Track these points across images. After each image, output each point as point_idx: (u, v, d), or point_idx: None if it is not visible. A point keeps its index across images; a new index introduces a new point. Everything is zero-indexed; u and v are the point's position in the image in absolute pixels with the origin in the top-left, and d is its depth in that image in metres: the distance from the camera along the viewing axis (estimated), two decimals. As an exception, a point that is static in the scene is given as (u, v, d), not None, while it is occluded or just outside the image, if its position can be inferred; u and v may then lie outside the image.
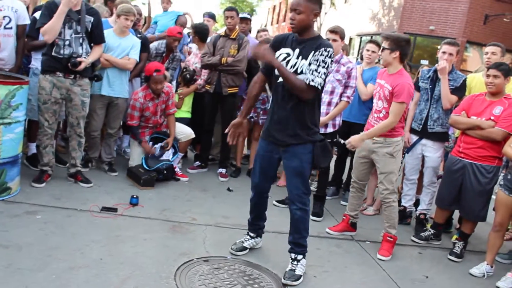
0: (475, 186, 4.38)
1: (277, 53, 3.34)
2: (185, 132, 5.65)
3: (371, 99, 4.77)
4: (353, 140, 4.16)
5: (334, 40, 4.87)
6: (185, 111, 6.07)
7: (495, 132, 4.26)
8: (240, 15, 6.06)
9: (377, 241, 4.49)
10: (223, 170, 5.89)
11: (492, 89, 4.37)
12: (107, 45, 4.94)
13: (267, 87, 5.85)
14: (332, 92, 4.93)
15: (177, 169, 5.57)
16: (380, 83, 4.26)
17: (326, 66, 3.19)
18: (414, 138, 5.07)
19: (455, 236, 4.77)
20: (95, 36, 4.54)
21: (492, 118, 4.31)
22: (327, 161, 3.58)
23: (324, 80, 3.26)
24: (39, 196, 4.29)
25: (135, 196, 4.49)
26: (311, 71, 3.18)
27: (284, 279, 3.40)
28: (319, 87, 3.21)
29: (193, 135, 5.72)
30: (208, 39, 6.04)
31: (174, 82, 6.22)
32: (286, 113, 3.35)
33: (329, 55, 3.19)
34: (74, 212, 4.09)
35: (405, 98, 4.02)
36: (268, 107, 5.76)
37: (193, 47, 6.34)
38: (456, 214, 5.08)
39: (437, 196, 4.85)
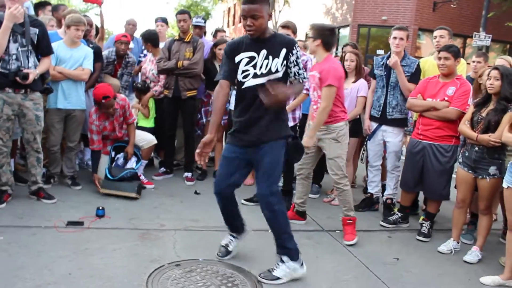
0: (435, 166, 4.49)
1: (237, 58, 3.30)
2: (146, 139, 5.59)
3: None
4: (304, 142, 4.13)
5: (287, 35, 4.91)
6: (149, 121, 6.01)
7: (449, 111, 4.38)
8: (193, 22, 6.05)
9: (347, 229, 4.55)
10: (189, 174, 5.86)
11: (444, 71, 4.49)
12: (59, 57, 4.85)
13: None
14: None
15: (142, 177, 5.50)
16: (311, 74, 4.31)
17: (299, 61, 3.35)
18: (374, 125, 5.17)
19: (421, 217, 4.88)
20: (42, 48, 4.44)
21: (446, 98, 4.44)
22: (300, 157, 3.61)
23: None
24: (0, 217, 4.16)
25: (101, 208, 4.41)
26: (298, 71, 3.32)
27: (258, 275, 3.39)
28: (305, 80, 3.43)
29: (155, 141, 5.66)
30: (163, 44, 5.99)
31: (128, 93, 6.19)
32: (258, 115, 3.28)
33: (297, 51, 3.31)
34: (39, 230, 3.98)
35: (332, 81, 4.08)
36: (229, 107, 5.85)
37: (148, 54, 6.27)
38: (422, 195, 5.18)
39: (401, 180, 4.95)
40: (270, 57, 3.25)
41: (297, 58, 3.29)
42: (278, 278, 3.35)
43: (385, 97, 5.07)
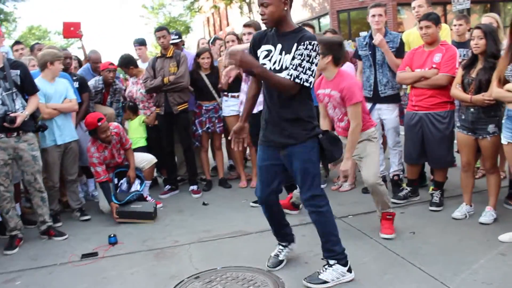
0: (435, 135, 4.48)
1: (259, 52, 3.15)
2: (146, 159, 5.58)
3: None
4: (343, 168, 3.82)
5: (250, 33, 4.96)
6: (140, 139, 6.01)
7: (439, 78, 4.38)
8: (172, 40, 6.04)
9: (359, 213, 4.56)
10: (195, 187, 5.85)
11: (428, 39, 4.49)
12: (46, 94, 4.85)
13: (216, 95, 5.87)
14: None
15: (148, 198, 5.50)
16: (325, 93, 3.98)
17: (311, 61, 2.95)
18: (368, 105, 5.15)
19: (431, 188, 4.86)
20: (27, 88, 4.45)
21: (434, 66, 4.44)
22: (339, 151, 3.30)
23: (313, 76, 3.01)
24: (14, 262, 4.15)
25: (112, 235, 4.40)
26: (294, 66, 2.95)
27: (304, 279, 3.26)
28: (305, 83, 2.97)
29: (155, 160, 5.66)
30: (145, 64, 6.01)
31: (120, 120, 6.21)
32: (279, 113, 3.13)
33: (313, 48, 2.95)
34: (55, 268, 3.97)
35: (358, 97, 3.77)
36: (222, 114, 5.86)
37: (129, 78, 6.26)
38: (428, 166, 5.17)
39: (404, 154, 4.94)
40: (283, 53, 3.03)
41: (308, 55, 2.94)
42: (325, 282, 3.21)
43: (374, 76, 5.07)
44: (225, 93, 5.74)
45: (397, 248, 3.77)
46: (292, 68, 2.95)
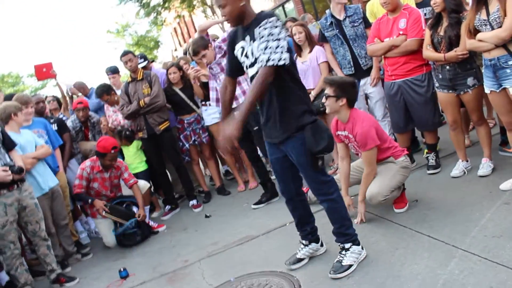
0: (417, 99, 4.47)
1: (235, 51, 3.16)
2: (140, 186, 5.54)
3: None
4: (359, 211, 3.86)
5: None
6: (140, 164, 5.96)
7: (409, 43, 4.36)
8: (139, 64, 5.99)
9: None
10: (194, 201, 5.82)
11: (388, 7, 4.48)
12: (20, 146, 4.76)
13: (194, 106, 5.84)
14: None
15: (151, 223, 5.47)
16: (343, 135, 3.87)
17: (276, 38, 2.84)
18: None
19: (425, 151, 4.84)
20: (7, 144, 4.41)
21: (401, 32, 4.42)
22: (321, 143, 3.07)
23: (285, 52, 2.87)
24: (32, 317, 4.13)
25: (122, 269, 4.37)
26: (262, 50, 2.86)
27: (330, 273, 3.19)
28: (279, 63, 2.84)
29: (148, 185, 5.63)
30: (119, 91, 5.97)
31: None
32: (269, 107, 3.10)
33: (273, 25, 2.86)
34: (72, 314, 3.95)
35: (372, 143, 3.66)
36: (204, 124, 5.82)
37: (109, 109, 6.19)
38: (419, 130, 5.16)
39: (391, 124, 4.93)
40: (252, 42, 2.99)
41: (270, 33, 2.85)
42: (350, 266, 3.19)
43: (350, 52, 5.03)
44: (203, 102, 5.70)
45: (403, 220, 3.76)
46: (261, 53, 2.87)
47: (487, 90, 3.77)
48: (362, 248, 3.31)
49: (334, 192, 3.22)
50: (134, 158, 5.95)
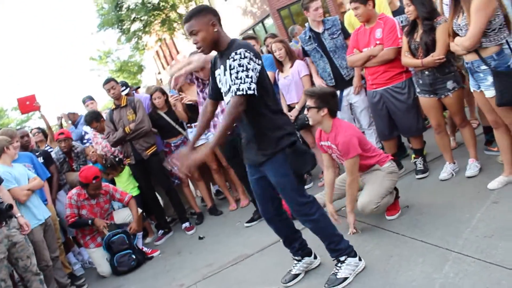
0: (399, 106, 4.51)
1: (216, 75, 3.15)
2: (128, 214, 5.51)
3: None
4: (348, 221, 3.86)
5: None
6: (132, 190, 5.92)
7: (386, 53, 4.42)
8: (125, 96, 5.99)
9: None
10: (187, 224, 5.79)
11: (361, 19, 4.55)
12: (15, 178, 4.72)
13: (180, 129, 5.83)
14: None
15: (145, 249, 5.43)
16: (326, 145, 3.91)
17: (244, 69, 2.85)
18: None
19: (412, 156, 4.87)
20: None
21: (377, 42, 4.47)
22: (306, 164, 3.15)
23: (254, 83, 2.86)
24: None
25: (118, 299, 4.33)
26: (232, 81, 2.88)
27: (324, 287, 3.22)
28: (248, 92, 2.83)
29: (140, 210, 5.59)
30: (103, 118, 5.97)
31: None
32: (247, 133, 3.14)
33: (242, 56, 2.86)
34: None
35: (354, 151, 3.67)
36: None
37: (98, 136, 6.16)
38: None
39: (377, 132, 4.97)
40: (226, 73, 2.97)
41: (239, 65, 2.86)
42: (345, 279, 3.19)
43: (330, 64, 5.07)
44: (189, 124, 5.70)
45: (396, 227, 3.77)
46: (232, 84, 2.89)
47: (471, 89, 3.81)
48: (360, 259, 3.30)
49: (315, 212, 3.18)
50: (126, 184, 5.92)
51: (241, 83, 2.84)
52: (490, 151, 4.49)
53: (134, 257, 5.17)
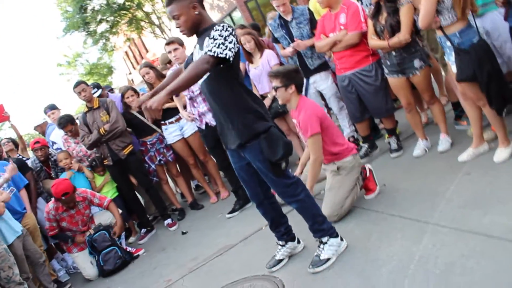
0: (367, 89, 4.60)
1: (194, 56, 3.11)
2: (110, 215, 5.49)
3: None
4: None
5: (175, 49, 4.97)
6: (109, 192, 5.89)
7: (350, 38, 4.50)
8: (93, 94, 5.94)
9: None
10: (169, 220, 5.79)
11: (323, 5, 4.64)
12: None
13: (154, 127, 5.82)
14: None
15: (129, 249, 5.42)
16: (295, 123, 3.96)
17: (224, 38, 2.81)
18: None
19: (386, 136, 4.96)
20: None
21: (342, 27, 4.54)
22: (278, 152, 3.05)
23: (229, 50, 2.82)
24: None
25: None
26: (208, 46, 2.81)
27: (308, 268, 3.25)
28: (219, 55, 2.78)
29: (120, 211, 5.57)
30: (59, 131, 5.97)
31: None
32: (219, 116, 3.10)
33: (223, 29, 2.83)
34: None
35: (313, 129, 3.67)
36: (167, 143, 5.81)
37: (70, 140, 6.09)
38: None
39: (349, 115, 5.04)
40: (199, 51, 2.96)
41: (218, 35, 2.81)
42: (328, 260, 3.24)
43: (297, 52, 5.12)
44: (163, 122, 5.68)
45: (374, 205, 3.86)
46: (206, 47, 2.82)
47: (446, 61, 3.86)
48: (342, 240, 3.35)
49: (301, 193, 3.22)
50: (108, 186, 5.90)
51: (214, 46, 2.79)
52: (460, 125, 4.61)
53: (120, 254, 5.16)
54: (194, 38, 3.12)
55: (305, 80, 5.12)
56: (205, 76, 2.95)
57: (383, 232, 3.37)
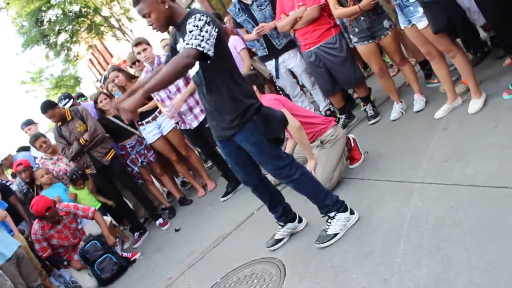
0: (334, 61, 4.65)
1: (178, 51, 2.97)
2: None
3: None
4: (309, 168, 3.81)
5: (144, 50, 4.93)
6: (96, 202, 5.84)
7: (310, 13, 4.54)
8: (62, 107, 5.85)
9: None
10: (160, 220, 5.78)
11: None
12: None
13: (132, 129, 5.78)
14: None
15: (125, 254, 5.41)
16: None
17: (200, 29, 2.72)
18: (271, 63, 5.22)
19: (362, 104, 5.01)
20: None
21: (300, 4, 4.56)
22: (277, 130, 3.07)
23: (207, 43, 2.72)
24: None
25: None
26: (185, 40, 2.74)
27: (315, 243, 3.21)
28: (198, 48, 2.70)
29: (110, 218, 5.56)
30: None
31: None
32: (210, 104, 3.04)
33: (197, 19, 2.75)
34: None
35: (277, 107, 3.49)
36: (147, 143, 5.78)
37: (46, 163, 6.01)
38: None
39: (321, 90, 5.09)
40: (181, 41, 2.86)
41: (195, 25, 2.73)
42: (335, 235, 3.17)
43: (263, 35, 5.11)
44: (140, 122, 5.63)
45: (359, 173, 3.92)
46: (183, 41, 2.78)
47: (402, 27, 3.92)
48: (353, 213, 3.26)
49: (296, 172, 3.14)
50: (90, 197, 5.84)
51: (191, 38, 2.72)
52: (431, 83, 4.69)
53: (114, 260, 5.13)
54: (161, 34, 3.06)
55: (274, 61, 5.15)
56: (197, 68, 2.92)
57: (372, 198, 3.42)
